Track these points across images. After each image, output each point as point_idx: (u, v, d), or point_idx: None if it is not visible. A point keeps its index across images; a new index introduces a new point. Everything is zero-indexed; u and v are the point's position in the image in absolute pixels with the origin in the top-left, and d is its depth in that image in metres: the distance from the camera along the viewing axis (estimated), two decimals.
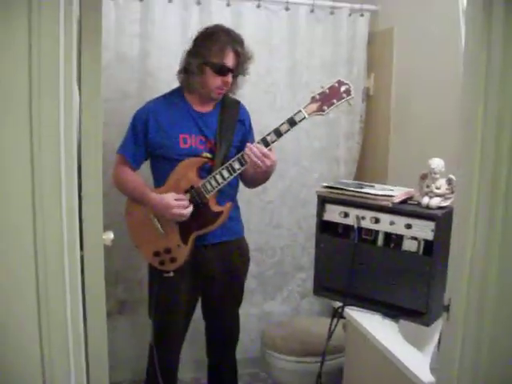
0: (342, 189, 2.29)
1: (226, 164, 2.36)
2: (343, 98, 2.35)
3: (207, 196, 2.38)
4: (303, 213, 3.38)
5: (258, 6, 3.07)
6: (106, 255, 1.46)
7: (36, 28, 1.11)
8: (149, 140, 2.42)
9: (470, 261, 1.28)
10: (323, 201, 2.34)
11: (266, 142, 2.33)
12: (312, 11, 3.17)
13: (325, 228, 2.35)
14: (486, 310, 1.26)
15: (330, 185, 2.35)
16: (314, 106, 2.34)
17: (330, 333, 2.26)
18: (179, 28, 2.98)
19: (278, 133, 2.33)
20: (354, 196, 2.24)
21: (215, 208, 2.43)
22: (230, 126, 2.50)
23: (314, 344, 2.73)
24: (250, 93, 3.09)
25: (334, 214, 2.31)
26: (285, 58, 3.19)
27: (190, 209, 2.36)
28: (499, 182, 1.22)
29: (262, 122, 2.97)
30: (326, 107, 2.35)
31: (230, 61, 2.38)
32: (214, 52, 2.35)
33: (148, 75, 2.96)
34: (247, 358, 3.26)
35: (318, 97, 2.35)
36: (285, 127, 2.33)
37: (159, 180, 2.47)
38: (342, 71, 3.27)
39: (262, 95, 3.18)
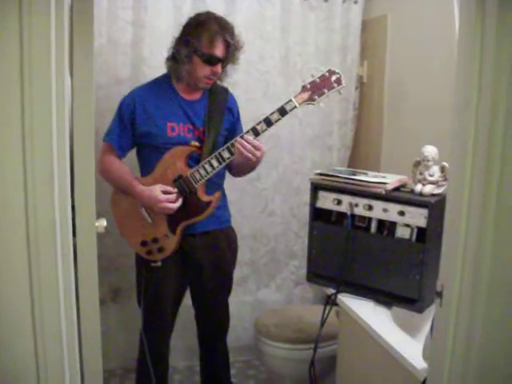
0: (335, 176, 2.29)
1: (215, 153, 2.34)
2: (334, 88, 2.33)
3: (196, 185, 2.36)
4: (296, 200, 3.39)
5: None
6: (99, 242, 1.46)
7: (27, 15, 1.10)
8: (136, 128, 2.39)
9: (463, 247, 1.29)
10: (316, 188, 2.34)
11: (256, 132, 2.31)
12: None
13: (318, 215, 2.36)
14: (479, 295, 1.26)
15: (323, 172, 2.36)
16: (305, 95, 2.32)
17: (323, 320, 2.27)
18: (172, 14, 2.96)
19: (269, 122, 2.31)
20: (347, 183, 2.25)
21: (204, 197, 2.41)
22: (219, 114, 2.48)
23: (308, 331, 2.74)
24: (243, 81, 3.08)
25: (327, 201, 2.31)
26: (278, 46, 3.18)
27: (179, 203, 2.35)
28: (492, 169, 1.22)
29: (255, 109, 2.96)
30: (316, 96, 2.33)
31: (219, 51, 2.35)
32: (204, 41, 2.32)
33: (141, 61, 2.94)
34: (240, 345, 3.27)
35: (308, 86, 2.33)
36: (275, 116, 2.30)
37: (146, 169, 2.45)
38: (336, 59, 3.26)
39: (256, 83, 3.17)
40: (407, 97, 2.94)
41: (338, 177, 2.28)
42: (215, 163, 2.33)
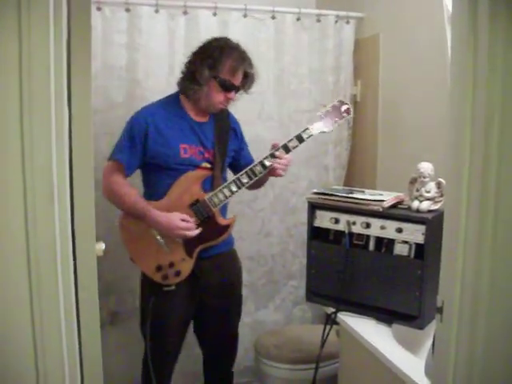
0: (332, 195, 2.30)
1: (234, 178, 2.39)
2: (344, 117, 2.52)
3: (214, 210, 2.39)
4: (293, 220, 3.38)
5: (245, 16, 3.08)
6: (97, 266, 1.46)
7: (26, 43, 1.11)
8: (148, 148, 2.37)
9: (462, 262, 1.29)
10: (313, 207, 2.35)
11: (274, 158, 2.43)
12: (298, 19, 3.18)
13: (316, 234, 2.36)
14: (480, 310, 1.26)
15: (320, 191, 2.36)
16: (320, 124, 2.49)
17: (324, 339, 2.27)
18: (166, 37, 2.99)
19: (287, 149, 2.44)
20: (345, 201, 2.25)
21: (222, 221, 2.45)
22: (225, 136, 2.53)
23: (308, 351, 2.73)
24: (237, 102, 3.09)
25: (324, 220, 2.32)
26: (272, 67, 3.20)
27: (198, 230, 2.36)
28: (489, 183, 1.23)
29: (249, 130, 2.98)
30: (329, 125, 2.49)
31: (238, 80, 2.42)
32: (226, 69, 2.37)
33: (136, 85, 2.95)
34: (240, 367, 3.25)
35: (322, 115, 2.48)
36: (293, 143, 2.44)
37: (155, 191, 2.43)
38: (329, 78, 3.28)
39: (249, 104, 3.18)
40: (401, 114, 2.96)
41: (335, 195, 2.29)
42: (234, 188, 2.39)
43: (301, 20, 3.19)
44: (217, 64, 2.35)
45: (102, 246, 1.51)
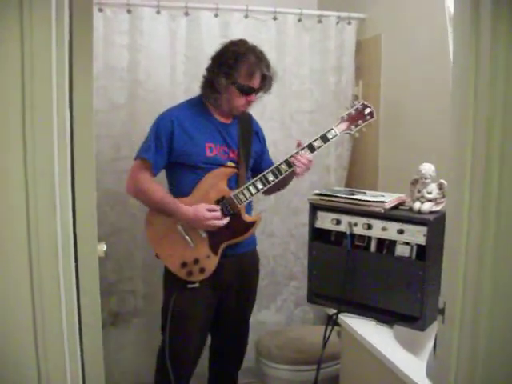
0: (333, 196, 2.30)
1: (260, 175, 2.42)
2: (367, 120, 2.54)
3: (239, 206, 2.41)
4: (295, 221, 3.38)
5: (246, 16, 3.07)
6: (99, 267, 1.46)
7: (28, 45, 1.11)
8: (174, 148, 2.39)
9: (464, 263, 1.29)
10: (315, 208, 2.34)
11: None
12: (300, 20, 3.18)
13: (317, 235, 2.36)
14: (482, 311, 1.26)
15: (321, 192, 2.36)
16: (344, 125, 2.52)
17: (325, 340, 2.26)
18: (168, 38, 2.99)
19: (312, 148, 2.46)
20: (346, 203, 2.25)
21: (247, 218, 2.47)
22: (248, 137, 2.56)
23: (310, 352, 2.73)
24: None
25: (326, 221, 2.31)
26: (274, 68, 3.19)
27: (226, 220, 2.39)
28: (491, 184, 1.22)
29: None
30: (353, 127, 2.54)
31: (256, 82, 2.44)
32: (243, 74, 2.39)
33: (137, 85, 2.95)
34: (242, 367, 3.24)
35: (346, 117, 2.52)
36: (318, 143, 2.46)
37: (181, 189, 2.45)
38: (331, 79, 3.28)
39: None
40: (403, 115, 2.95)
41: (337, 197, 2.29)
42: (260, 185, 2.42)
43: (302, 21, 3.19)
44: (233, 71, 2.38)
45: (103, 246, 1.51)
